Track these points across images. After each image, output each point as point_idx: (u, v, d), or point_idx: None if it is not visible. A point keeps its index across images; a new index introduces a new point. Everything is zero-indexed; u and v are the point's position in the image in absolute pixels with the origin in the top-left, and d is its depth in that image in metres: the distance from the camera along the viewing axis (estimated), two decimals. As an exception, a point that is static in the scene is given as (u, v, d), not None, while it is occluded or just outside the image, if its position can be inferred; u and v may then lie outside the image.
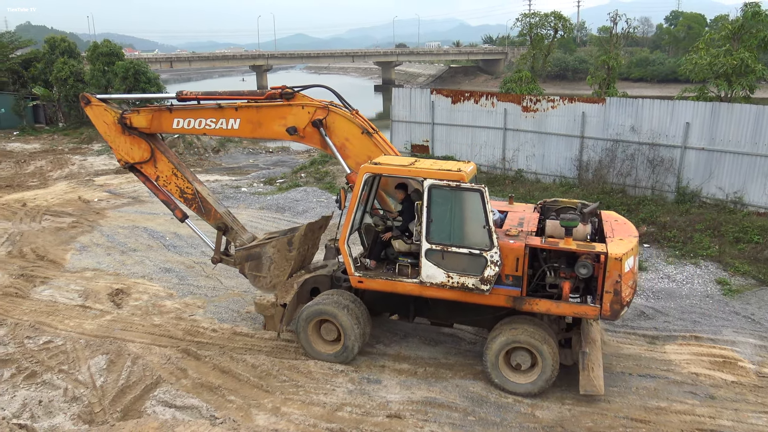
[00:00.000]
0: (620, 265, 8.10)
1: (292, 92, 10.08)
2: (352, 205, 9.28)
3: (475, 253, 8.59)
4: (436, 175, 8.61)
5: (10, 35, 48.12)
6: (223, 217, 10.85)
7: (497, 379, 9.03)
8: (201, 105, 10.45)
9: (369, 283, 9.49)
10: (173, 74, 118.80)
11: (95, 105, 11.02)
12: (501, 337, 8.88)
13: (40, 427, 8.12)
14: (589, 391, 8.49)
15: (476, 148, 21.16)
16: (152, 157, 10.91)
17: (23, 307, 12.24)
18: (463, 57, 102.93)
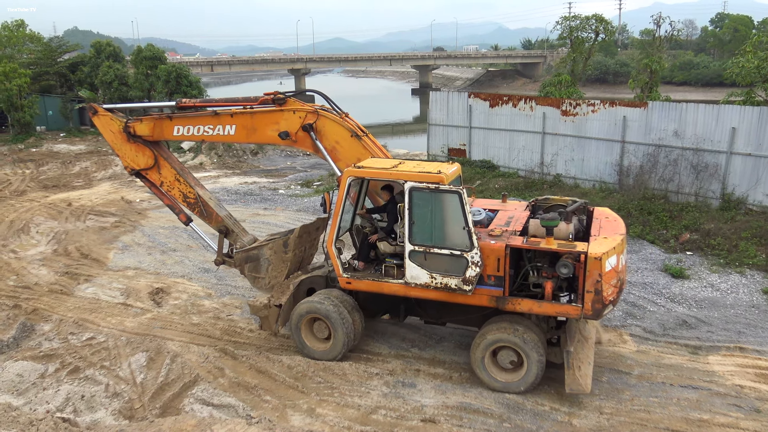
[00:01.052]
0: (600, 265, 8.09)
1: (284, 98, 10.32)
2: (337, 208, 9.47)
3: (456, 254, 8.70)
4: (416, 178, 8.75)
5: (58, 40, 49.62)
6: (224, 220, 11.14)
7: (484, 377, 9.07)
8: (198, 113, 10.76)
9: (357, 284, 9.68)
10: (214, 78, 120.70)
11: (102, 114, 11.40)
12: (487, 337, 8.95)
13: (83, 422, 8.32)
14: (574, 390, 8.52)
15: (514, 152, 20.98)
16: (156, 164, 11.26)
17: (68, 304, 12.59)
18: (501, 60, 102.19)
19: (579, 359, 8.89)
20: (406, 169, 9.02)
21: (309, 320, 9.97)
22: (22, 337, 11.20)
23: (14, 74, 36.29)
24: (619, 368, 9.69)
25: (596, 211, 9.86)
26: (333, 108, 10.50)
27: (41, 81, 42.59)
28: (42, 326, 11.61)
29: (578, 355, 8.95)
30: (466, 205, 8.53)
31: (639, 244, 14.91)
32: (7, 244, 16.72)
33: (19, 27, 43.38)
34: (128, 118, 11.28)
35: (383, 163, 9.51)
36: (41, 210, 20.13)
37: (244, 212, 19.29)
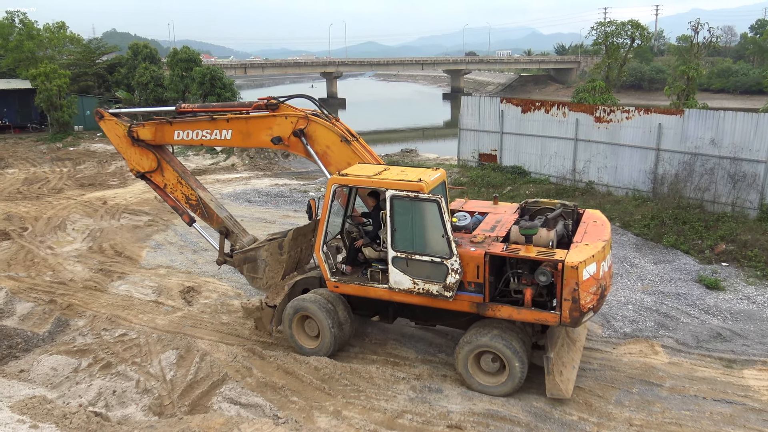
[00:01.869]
0: (577, 273, 8.12)
1: (277, 103, 10.50)
2: (323, 214, 9.63)
3: (436, 261, 8.82)
4: (396, 186, 8.84)
5: (97, 41, 50.76)
6: (224, 222, 11.46)
7: (467, 380, 9.19)
8: (197, 118, 11.01)
9: (344, 287, 9.90)
10: (247, 80, 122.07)
11: (108, 119, 11.81)
12: (471, 341, 9.04)
13: (114, 416, 8.46)
14: (554, 395, 8.64)
15: (546, 158, 20.79)
16: (159, 167, 11.64)
17: (101, 301, 12.84)
18: (534, 66, 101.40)
19: (562, 363, 9.00)
20: (388, 177, 9.10)
21: (300, 318, 10.23)
22: (57, 331, 11.47)
23: (54, 75, 37.23)
24: (650, 380, 9.52)
25: (585, 215, 9.94)
26: (323, 113, 10.63)
27: (80, 82, 43.60)
28: (76, 321, 11.86)
29: (562, 359, 9.04)
30: (445, 213, 8.60)
31: (673, 254, 14.64)
32: (44, 240, 17.12)
33: (60, 29, 44.44)
34: (132, 123, 11.67)
35: (367, 170, 9.57)
36: (77, 208, 20.58)
37: (275, 214, 19.46)
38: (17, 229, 18.07)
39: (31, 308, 12.45)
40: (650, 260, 14.36)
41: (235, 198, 21.78)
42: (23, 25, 43.63)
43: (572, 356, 9.40)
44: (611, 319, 11.53)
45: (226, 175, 26.44)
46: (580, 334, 10.13)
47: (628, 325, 11.33)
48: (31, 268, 14.93)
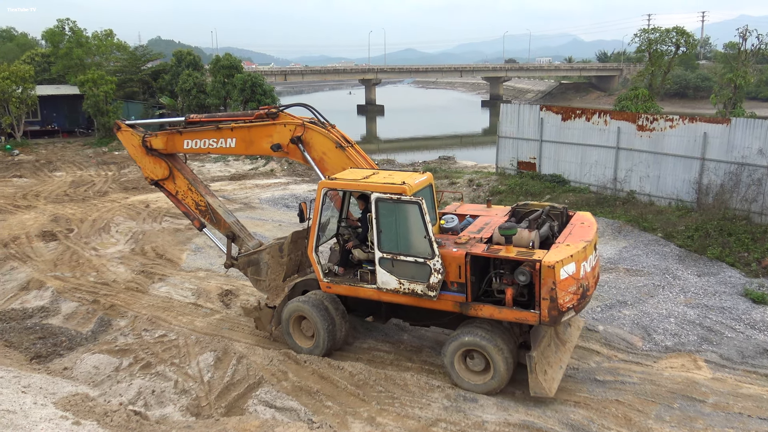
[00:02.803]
0: (554, 273, 8.23)
1: (277, 112, 10.95)
2: (315, 217, 10.01)
3: (420, 261, 9.07)
4: (381, 189, 9.16)
5: (143, 49, 52.08)
6: (231, 227, 11.94)
7: (454, 378, 9.41)
8: (204, 127, 11.48)
9: (336, 288, 10.22)
10: (286, 87, 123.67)
11: (124, 130, 12.44)
12: (457, 339, 9.27)
13: (152, 415, 8.61)
14: (537, 393, 8.79)
15: (586, 167, 20.48)
16: (171, 175, 12.22)
17: (142, 302, 13.12)
18: (575, 73, 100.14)
19: (548, 363, 9.14)
20: (374, 180, 9.42)
21: (297, 319, 10.55)
22: (100, 330, 11.76)
23: (102, 81, 38.32)
24: (692, 395, 9.26)
25: (575, 217, 10.09)
26: (320, 121, 10.99)
27: (126, 88, 44.75)
28: (118, 321, 12.14)
29: (547, 359, 9.19)
30: (426, 215, 8.85)
31: (717, 267, 14.24)
32: (89, 241, 17.60)
33: (108, 36, 45.76)
34: (145, 133, 12.25)
35: (356, 174, 9.89)
36: (121, 210, 21.09)
37: (312, 219, 19.59)
38: (64, 231, 18.61)
39: (75, 308, 12.80)
40: (693, 272, 14.00)
41: (273, 203, 22.03)
42: (73, 32, 45.05)
43: (560, 356, 9.54)
44: (652, 332, 11.27)
45: (265, 180, 26.78)
46: (572, 335, 10.26)
47: (670, 339, 11.06)
48: (76, 268, 15.35)
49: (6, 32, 73.54)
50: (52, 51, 46.63)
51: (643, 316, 11.88)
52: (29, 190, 25.20)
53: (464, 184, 22.43)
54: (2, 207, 22.01)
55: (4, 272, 14.98)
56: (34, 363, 10.34)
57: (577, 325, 10.61)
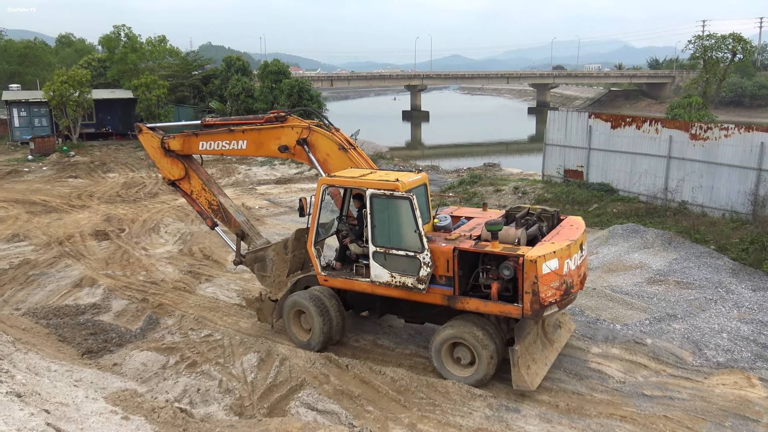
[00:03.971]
0: (536, 267, 8.57)
1: (285, 115, 11.49)
2: (314, 213, 10.51)
3: (410, 255, 9.52)
4: (375, 185, 9.64)
5: (194, 54, 53.41)
6: (241, 225, 12.45)
7: (441, 370, 9.76)
8: (218, 129, 12.08)
9: (332, 281, 10.70)
10: (333, 92, 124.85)
11: (145, 132, 13.05)
12: (443, 333, 9.65)
13: (197, 413, 8.76)
14: (519, 386, 9.12)
15: (635, 176, 20.03)
16: (187, 175, 12.82)
17: (189, 301, 13.39)
18: (625, 80, 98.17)
19: (532, 359, 9.51)
20: (370, 178, 9.92)
21: (296, 312, 11.05)
22: (148, 328, 12.05)
23: (154, 85, 39.42)
24: (745, 414, 8.93)
25: (566, 220, 10.43)
26: (324, 124, 11.53)
27: (177, 92, 45.90)
28: (166, 320, 12.42)
29: (532, 355, 9.57)
30: (416, 210, 9.30)
31: (773, 281, 13.72)
32: (139, 241, 18.08)
33: (161, 42, 47.07)
34: (164, 135, 12.82)
35: (353, 173, 10.40)
36: (170, 212, 21.61)
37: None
38: (115, 230, 19.17)
39: (125, 305, 13.16)
40: (748, 287, 13.52)
41: (318, 207, 22.19)
42: (128, 38, 46.47)
43: (546, 354, 9.93)
44: (703, 347, 10.92)
45: (310, 184, 27.05)
46: (561, 336, 10.61)
47: (722, 355, 10.69)
48: (127, 267, 15.79)
49: (65, 38, 76.42)
50: (108, 56, 48.26)
51: (693, 330, 11.52)
52: (84, 191, 26.07)
53: (509, 192, 22.21)
54: (58, 206, 22.82)
55: (59, 269, 15.51)
56: (86, 358, 10.66)
57: (568, 328, 10.99)
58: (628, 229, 16.92)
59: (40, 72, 52.89)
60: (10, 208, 22.37)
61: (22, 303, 13.39)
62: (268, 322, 11.79)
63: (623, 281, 13.99)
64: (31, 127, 39.47)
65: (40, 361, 9.29)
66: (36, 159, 33.70)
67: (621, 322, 11.87)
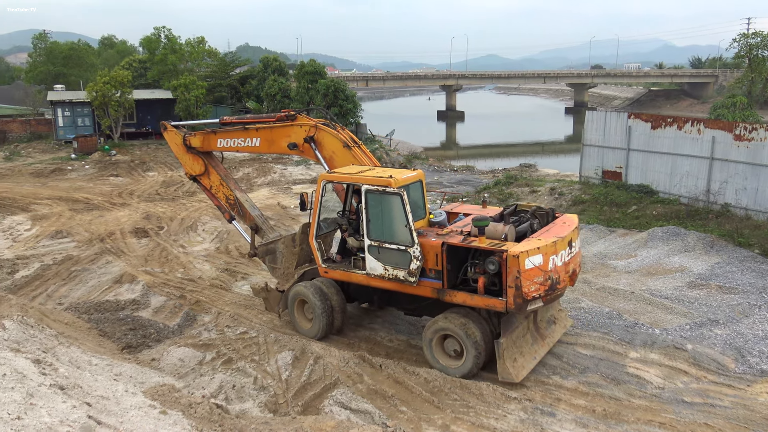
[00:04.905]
0: (518, 262, 8.80)
1: (295, 114, 12.00)
2: (315, 207, 11.01)
3: (402, 249, 9.88)
4: (370, 182, 10.05)
5: (232, 55, 54.11)
6: (255, 219, 13.10)
7: (432, 362, 10.08)
8: (234, 127, 12.69)
9: (332, 273, 11.16)
10: (368, 92, 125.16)
11: (170, 130, 13.86)
12: (434, 325, 9.97)
13: (232, 409, 8.87)
14: (504, 378, 9.42)
15: (676, 177, 19.59)
16: (206, 171, 13.50)
17: (225, 299, 13.57)
18: (666, 80, 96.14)
19: (520, 352, 9.80)
20: (366, 174, 10.31)
21: (300, 303, 11.53)
22: (186, 325, 12.25)
23: (193, 86, 40.04)
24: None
25: (561, 218, 10.65)
26: (331, 123, 11.96)
27: (215, 92, 46.56)
28: (203, 317, 12.61)
29: (520, 348, 9.85)
30: (407, 205, 9.65)
31: (821, 287, 13.26)
32: (177, 239, 18.39)
33: (200, 43, 47.80)
34: (186, 133, 13.56)
35: (352, 169, 10.82)
36: (207, 210, 21.92)
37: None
38: (154, 228, 19.54)
39: (163, 302, 13.40)
40: (794, 292, 13.09)
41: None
42: (168, 40, 47.32)
43: (535, 348, 10.20)
44: (746, 354, 10.61)
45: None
46: (554, 331, 10.84)
47: (766, 362, 10.38)
48: (165, 264, 16.07)
49: (108, 40, 78.16)
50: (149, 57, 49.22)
51: (736, 336, 11.21)
52: (124, 189, 26.65)
53: (545, 193, 21.95)
54: (100, 204, 23.37)
55: (100, 265, 15.87)
56: (125, 353, 10.89)
57: (563, 324, 11.17)
58: (668, 232, 16.56)
59: (83, 73, 54.21)
60: (54, 205, 22.99)
61: (65, 298, 13.75)
62: (274, 311, 12.30)
63: (663, 285, 13.69)
64: (75, 127, 40.49)
65: (81, 354, 9.52)
66: (79, 158, 34.58)
67: (660, 326, 11.63)
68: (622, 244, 16.65)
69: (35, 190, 26.13)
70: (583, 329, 11.56)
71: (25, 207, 22.68)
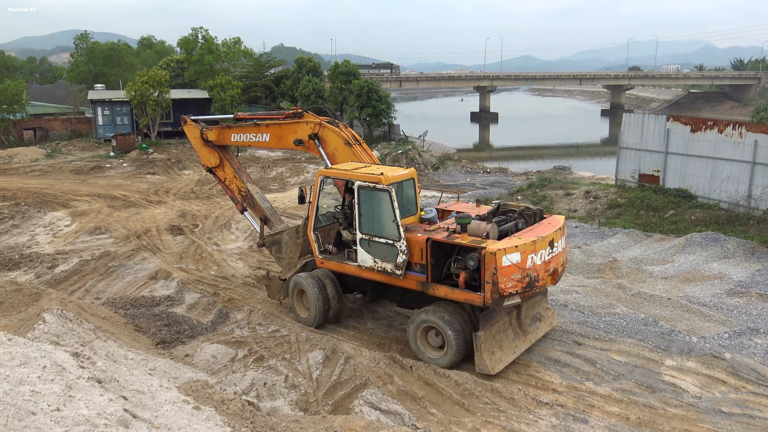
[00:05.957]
0: (495, 259, 9.11)
1: (302, 112, 12.62)
2: (313, 201, 11.51)
3: (389, 243, 10.32)
4: (362, 178, 10.52)
5: (266, 55, 54.60)
6: (264, 211, 13.78)
7: (416, 351, 10.46)
8: (246, 123, 13.39)
9: (327, 264, 11.73)
10: (401, 93, 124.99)
11: (189, 124, 14.60)
12: (418, 317, 10.36)
13: (264, 407, 8.93)
14: (481, 370, 9.72)
15: (716, 182, 19.13)
16: (221, 163, 14.28)
17: (258, 297, 13.70)
18: (706, 82, 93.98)
19: (499, 346, 10.11)
20: (359, 171, 10.75)
21: (299, 292, 12.03)
22: (219, 322, 12.40)
23: (229, 86, 40.56)
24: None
25: (548, 218, 10.87)
26: (334, 121, 12.40)
27: (250, 92, 47.06)
28: (235, 314, 12.75)
29: (500, 343, 10.16)
30: (395, 202, 10.07)
31: None
32: (211, 237, 18.63)
33: (236, 44, 48.41)
34: (203, 127, 14.27)
35: (347, 166, 11.32)
36: (242, 209, 22.14)
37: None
38: (189, 226, 19.84)
39: (197, 299, 13.59)
40: (839, 302, 12.67)
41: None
42: (205, 40, 48.00)
43: (516, 343, 10.47)
44: (788, 365, 10.30)
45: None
46: (539, 328, 11.06)
47: (809, 373, 10.06)
48: (199, 261, 16.30)
49: (146, 40, 79.68)
50: (186, 57, 50.02)
51: (777, 346, 10.89)
52: (161, 187, 27.11)
53: (580, 196, 21.64)
54: (137, 201, 23.82)
55: (136, 261, 16.18)
56: (160, 348, 11.07)
57: (549, 322, 11.37)
58: (707, 238, 16.19)
59: (122, 72, 55.36)
60: (93, 202, 23.52)
61: (102, 293, 14.05)
62: (276, 298, 12.96)
63: (701, 292, 13.38)
64: (114, 125, 41.37)
65: (117, 349, 9.71)
66: (117, 155, 35.32)
67: (698, 334, 11.36)
68: (659, 250, 16.32)
69: (75, 187, 26.77)
70: (617, 335, 11.36)
71: (65, 203, 23.25)
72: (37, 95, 54.00)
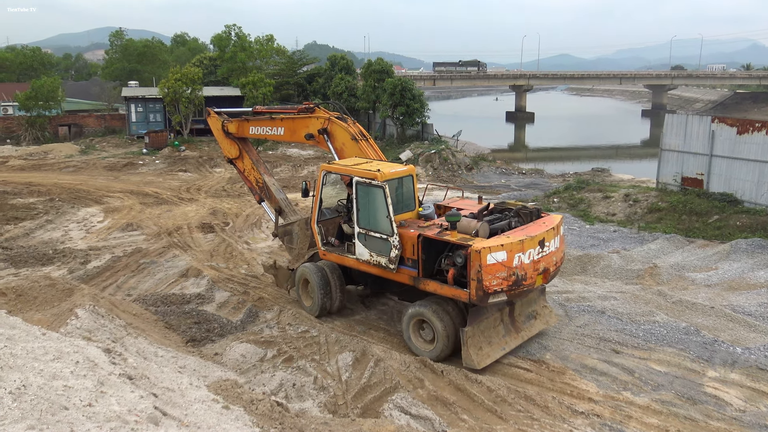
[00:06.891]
0: (480, 257, 9.25)
1: (314, 107, 13.01)
2: (317, 194, 11.82)
3: (383, 238, 10.59)
4: (360, 174, 10.79)
5: (299, 53, 54.65)
6: (279, 202, 14.25)
7: (408, 343, 10.75)
8: (263, 116, 13.97)
9: (329, 256, 12.04)
10: (435, 92, 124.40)
11: (212, 116, 15.15)
12: (410, 310, 10.61)
13: (292, 408, 8.80)
14: (467, 364, 9.84)
15: (763, 186, 18.41)
16: (240, 155, 14.79)
17: (287, 297, 13.61)
18: (753, 81, 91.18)
19: (488, 342, 10.22)
20: (359, 167, 11.00)
21: (305, 281, 12.43)
22: (248, 321, 12.35)
23: (261, 83, 40.69)
24: None
25: (544, 218, 10.92)
26: (343, 117, 12.68)
27: (282, 90, 47.12)
28: (265, 314, 12.68)
29: (489, 339, 10.27)
30: (389, 198, 10.32)
31: None
32: (242, 235, 18.66)
33: (269, 41, 48.60)
34: (224, 119, 14.78)
35: (348, 162, 11.63)
36: (274, 207, 22.16)
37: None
38: (220, 224, 19.91)
39: (227, 297, 13.57)
40: None
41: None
42: (238, 38, 48.31)
43: (506, 340, 10.55)
44: (840, 379, 9.77)
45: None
46: (533, 326, 11.10)
47: None
48: (230, 260, 16.31)
49: (180, 37, 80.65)
50: (219, 55, 50.39)
51: (828, 359, 10.36)
52: (192, 184, 27.34)
53: (619, 199, 21.10)
54: (169, 198, 24.05)
55: (167, 259, 16.26)
56: (189, 346, 11.05)
57: (545, 320, 11.38)
58: (753, 245, 15.59)
59: (156, 70, 56.09)
60: (126, 198, 23.81)
61: (133, 289, 14.13)
62: (283, 287, 13.36)
63: (746, 301, 12.84)
64: (146, 122, 41.93)
65: (148, 346, 9.70)
66: (150, 152, 35.77)
67: (742, 345, 10.88)
68: (702, 256, 15.77)
69: (108, 183, 27.17)
70: (657, 344, 10.95)
71: (98, 199, 23.59)
72: (72, 92, 54.95)
